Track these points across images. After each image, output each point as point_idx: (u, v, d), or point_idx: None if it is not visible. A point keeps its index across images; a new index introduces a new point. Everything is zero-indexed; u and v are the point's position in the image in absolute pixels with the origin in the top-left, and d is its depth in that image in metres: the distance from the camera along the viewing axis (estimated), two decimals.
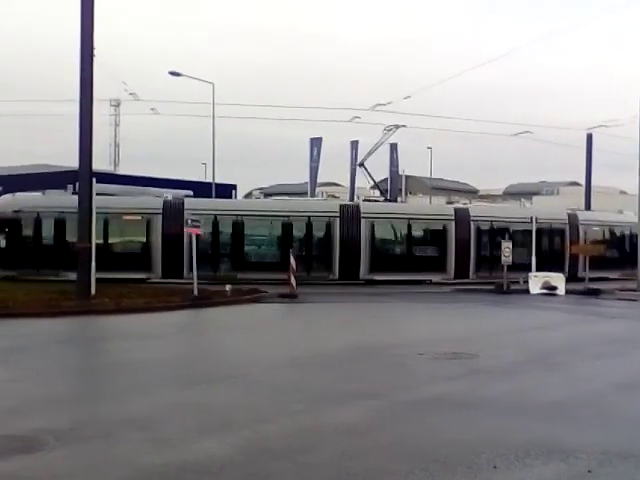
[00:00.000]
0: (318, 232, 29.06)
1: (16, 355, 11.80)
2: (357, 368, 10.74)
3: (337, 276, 28.08)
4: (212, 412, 7.89)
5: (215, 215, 27.78)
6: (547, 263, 29.18)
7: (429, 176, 64.34)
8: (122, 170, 56.93)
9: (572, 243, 30.43)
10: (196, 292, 20.04)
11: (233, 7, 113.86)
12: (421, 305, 21.54)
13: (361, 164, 32.98)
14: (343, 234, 28.19)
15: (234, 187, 47.54)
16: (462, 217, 29.81)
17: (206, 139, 40.12)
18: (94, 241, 20.37)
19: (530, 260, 28.79)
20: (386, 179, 56.29)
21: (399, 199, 53.68)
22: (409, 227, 29.63)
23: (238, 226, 28.21)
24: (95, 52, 19.57)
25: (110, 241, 27.58)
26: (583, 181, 45.76)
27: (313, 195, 46.70)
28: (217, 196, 35.89)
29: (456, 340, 13.80)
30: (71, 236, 24.65)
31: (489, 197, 74.69)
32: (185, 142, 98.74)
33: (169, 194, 29.88)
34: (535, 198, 65.36)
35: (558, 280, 25.96)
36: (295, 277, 22.69)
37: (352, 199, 47.77)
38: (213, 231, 27.85)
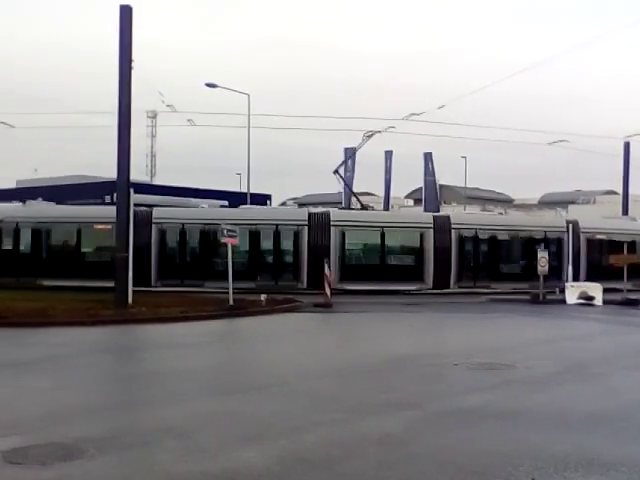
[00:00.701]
0: (286, 241, 28.43)
1: (57, 364, 12.00)
2: (393, 378, 10.72)
3: (305, 285, 27.32)
4: (249, 421, 7.95)
5: (183, 224, 27.95)
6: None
7: (464, 185, 64.05)
8: (158, 180, 57.68)
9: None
10: (231, 301, 20.16)
11: (268, 19, 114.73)
12: (456, 315, 21.41)
13: (335, 171, 32.34)
14: (311, 243, 27.69)
15: (269, 197, 47.84)
16: (442, 225, 28.68)
17: (241, 149, 40.44)
18: (130, 251, 20.57)
19: (507, 270, 28.76)
20: (420, 188, 56.17)
21: (440, 209, 53.55)
22: (382, 235, 28.60)
23: (207, 235, 27.94)
24: (133, 64, 19.91)
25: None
26: (620, 190, 45.24)
27: (349, 206, 46.70)
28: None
29: (492, 350, 13.71)
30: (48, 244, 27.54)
31: (524, 206, 74.03)
32: (220, 153, 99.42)
33: (205, 204, 30.22)
34: (571, 207, 64.63)
35: (595, 290, 25.59)
36: (330, 287, 22.70)
37: (387, 208, 47.74)
38: (180, 240, 28.19)
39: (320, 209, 31.16)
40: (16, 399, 9.09)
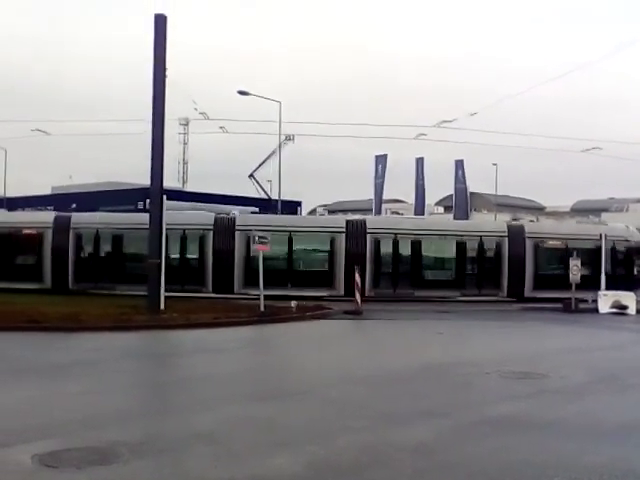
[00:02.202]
0: (192, 245, 28.35)
1: (91, 368, 12.13)
2: (424, 386, 10.70)
3: (210, 290, 27.30)
4: (280, 427, 7.98)
5: (97, 229, 28.62)
6: (476, 280, 28.40)
7: (494, 193, 63.64)
8: (190, 187, 58.09)
9: (513, 258, 28.35)
10: (262, 308, 20.25)
11: (299, 26, 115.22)
12: (488, 323, 21.27)
13: (251, 175, 31.77)
14: (216, 247, 27.62)
15: (299, 204, 47.98)
16: (355, 230, 27.89)
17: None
18: (163, 257, 20.79)
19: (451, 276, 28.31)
20: (451, 195, 55.99)
21: (469, 216, 53.28)
22: (290, 240, 28.06)
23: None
24: (167, 72, 20.13)
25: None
26: None
27: (379, 212, 46.66)
28: (282, 213, 36.32)
29: (524, 359, 13.62)
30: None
31: (556, 214, 73.37)
32: (251, 160, 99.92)
33: (236, 211, 30.43)
34: (604, 215, 63.87)
35: (629, 299, 25.29)
36: (361, 294, 22.70)
37: (422, 214, 47.60)
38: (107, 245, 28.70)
39: (357, 216, 31.34)
40: (51, 403, 9.21)
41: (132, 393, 10.51)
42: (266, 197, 33.69)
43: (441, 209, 74.29)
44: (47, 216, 29.33)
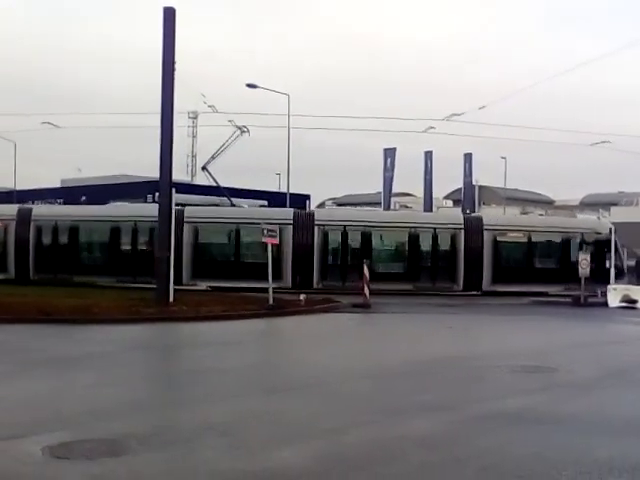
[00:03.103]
0: (144, 238, 28.54)
1: (101, 360, 12.19)
2: (434, 380, 10.69)
3: (115, 280, 27.23)
4: (290, 421, 7.99)
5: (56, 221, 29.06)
6: (430, 273, 28.15)
7: (503, 186, 63.43)
8: (198, 181, 58.09)
9: (470, 250, 27.91)
10: (271, 301, 20.28)
11: (308, 18, 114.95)
12: (496, 317, 21.25)
13: (204, 168, 31.27)
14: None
15: (308, 197, 47.92)
16: (303, 222, 27.75)
17: (281, 149, 40.57)
18: (172, 250, 20.83)
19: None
20: (460, 189, 55.84)
21: (476, 209, 53.08)
22: (237, 232, 28.04)
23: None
24: (176, 65, 20.14)
25: None
26: None
27: (388, 207, 46.51)
28: (291, 206, 36.28)
29: (534, 353, 13.59)
30: None
31: (565, 208, 73.13)
32: (260, 153, 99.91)
33: (245, 204, 30.43)
34: (613, 209, 63.63)
35: (638, 293, 25.20)
36: (369, 287, 22.70)
37: (428, 209, 47.48)
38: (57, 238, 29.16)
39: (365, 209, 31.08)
40: (61, 395, 9.26)
41: (142, 385, 10.57)
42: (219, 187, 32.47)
43: (450, 203, 74.12)
44: (11, 209, 30.06)
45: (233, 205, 29.41)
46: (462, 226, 28.57)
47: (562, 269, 28.43)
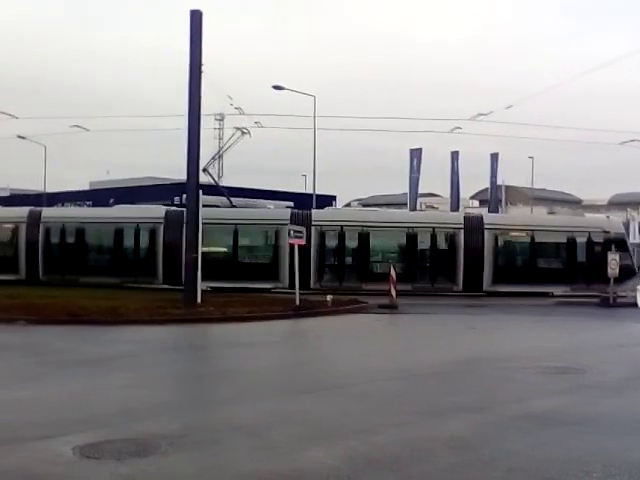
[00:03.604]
0: (145, 239, 29.09)
1: (129, 361, 12.32)
2: (461, 381, 10.65)
3: (119, 281, 27.83)
4: (318, 421, 8.00)
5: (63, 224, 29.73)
6: (429, 273, 27.99)
7: (530, 186, 62.98)
8: (225, 182, 58.32)
9: (470, 250, 27.53)
10: (298, 302, 20.32)
11: (334, 19, 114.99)
12: (524, 318, 21.10)
13: (204, 169, 31.49)
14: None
15: (334, 198, 47.95)
16: (300, 222, 27.09)
17: (307, 151, 40.65)
18: (200, 251, 20.95)
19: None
20: (486, 189, 55.51)
21: (499, 209, 52.74)
22: (235, 233, 28.24)
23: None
24: (203, 68, 20.25)
25: None
26: None
27: (414, 208, 46.33)
28: (317, 207, 36.31)
29: (562, 354, 13.50)
30: None
31: (593, 207, 72.41)
32: (286, 154, 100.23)
33: (271, 205, 30.52)
34: None
35: None
36: (395, 288, 22.67)
37: (456, 210, 47.27)
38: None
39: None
40: (92, 395, 9.35)
41: (171, 386, 10.65)
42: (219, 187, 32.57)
43: (476, 203, 73.74)
44: (22, 211, 30.67)
45: (233, 206, 29.63)
46: (462, 226, 28.26)
47: (567, 269, 28.18)
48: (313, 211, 29.08)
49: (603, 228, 28.59)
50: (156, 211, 29.46)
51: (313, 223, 27.82)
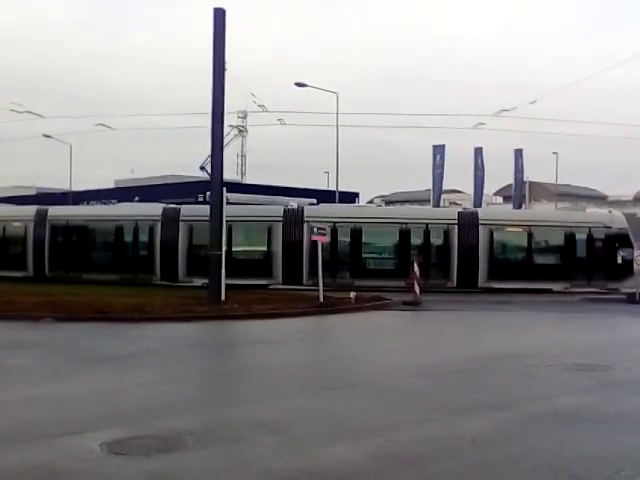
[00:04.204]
0: (144, 236, 29.39)
1: (155, 358, 12.43)
2: (486, 378, 10.62)
3: (118, 278, 28.18)
4: (342, 418, 8.02)
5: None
6: (423, 269, 26.57)
7: (555, 182, 62.50)
8: (248, 179, 58.61)
9: (464, 246, 27.13)
10: (321, 299, 20.34)
11: (357, 16, 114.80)
12: (549, 315, 20.95)
13: (202, 167, 31.59)
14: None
15: (357, 195, 47.90)
16: (293, 218, 27.60)
17: (329, 147, 40.64)
18: (224, 249, 21.06)
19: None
20: (510, 185, 55.18)
21: (523, 206, 52.36)
22: (230, 230, 27.05)
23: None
24: (226, 65, 20.32)
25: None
26: None
27: (438, 204, 46.16)
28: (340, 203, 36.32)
29: (588, 351, 13.39)
30: None
31: (619, 203, 71.70)
32: (308, 151, 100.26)
33: (293, 202, 30.52)
34: None
35: None
36: (419, 284, 22.60)
37: (479, 206, 47.05)
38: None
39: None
40: (119, 392, 9.46)
41: (196, 382, 10.71)
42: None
43: (500, 199, 73.33)
44: (30, 210, 31.35)
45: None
46: (455, 221, 27.98)
47: (566, 265, 27.81)
48: (305, 207, 28.89)
49: (604, 223, 28.03)
50: (154, 209, 29.92)
51: (306, 219, 27.73)
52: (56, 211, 31.33)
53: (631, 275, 26.39)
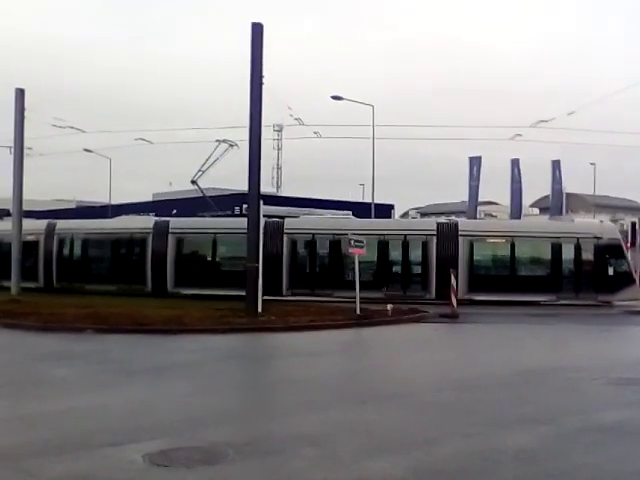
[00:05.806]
0: (139, 249, 30.02)
1: (193, 369, 12.49)
2: (527, 391, 10.48)
3: (115, 288, 28.51)
4: (382, 431, 7.99)
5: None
6: (401, 280, 27.58)
7: (592, 193, 61.77)
8: (284, 192, 58.86)
9: (443, 258, 26.74)
10: (358, 311, 20.30)
11: (392, 28, 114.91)
12: (589, 327, 20.62)
13: (193, 181, 31.79)
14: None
15: (392, 207, 47.82)
16: (272, 230, 27.31)
17: (365, 160, 40.67)
18: (260, 261, 21.11)
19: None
20: (546, 197, 54.69)
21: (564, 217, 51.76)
22: (214, 242, 29.54)
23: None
24: (264, 80, 20.46)
25: None
26: None
27: (474, 216, 45.90)
28: (376, 216, 36.33)
29: (632, 364, 13.18)
30: None
31: None
32: (343, 163, 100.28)
33: (330, 214, 30.60)
34: None
35: None
36: (457, 297, 22.43)
37: (517, 218, 46.68)
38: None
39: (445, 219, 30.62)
40: (159, 403, 9.53)
41: (235, 394, 10.76)
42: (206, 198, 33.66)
43: (536, 210, 72.64)
44: (41, 224, 32.65)
45: (219, 215, 31.81)
46: (434, 232, 27.74)
47: (552, 277, 27.37)
48: (286, 220, 29.05)
49: (594, 234, 27.35)
50: (146, 221, 30.96)
51: (285, 231, 28.14)
52: (63, 225, 32.52)
53: (627, 287, 26.06)
